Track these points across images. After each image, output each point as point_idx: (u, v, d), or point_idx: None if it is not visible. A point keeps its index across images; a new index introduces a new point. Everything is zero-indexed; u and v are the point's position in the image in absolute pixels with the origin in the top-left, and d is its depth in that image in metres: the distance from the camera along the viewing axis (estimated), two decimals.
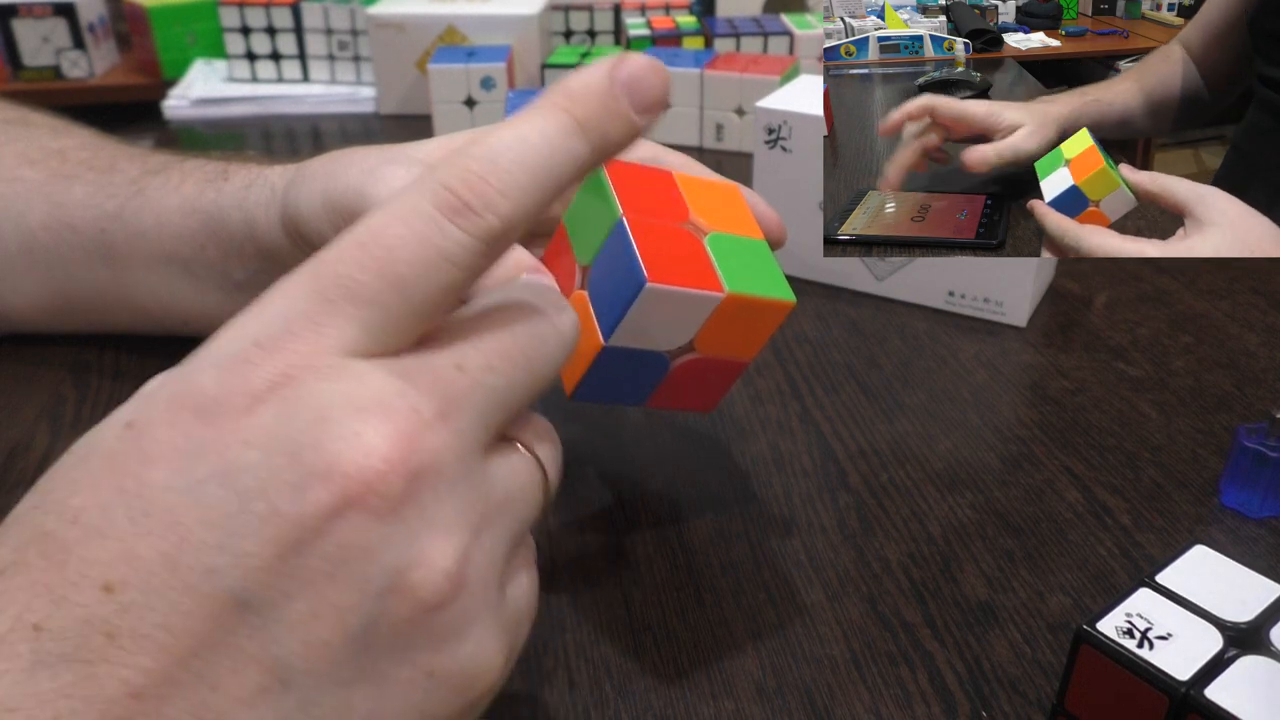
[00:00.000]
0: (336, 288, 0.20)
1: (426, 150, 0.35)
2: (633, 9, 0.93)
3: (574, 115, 0.22)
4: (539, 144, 0.22)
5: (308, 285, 0.21)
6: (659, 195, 0.30)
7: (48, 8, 0.83)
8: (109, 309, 0.43)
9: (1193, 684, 0.24)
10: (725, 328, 0.29)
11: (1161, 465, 0.40)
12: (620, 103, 0.23)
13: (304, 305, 0.20)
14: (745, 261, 0.30)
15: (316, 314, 0.20)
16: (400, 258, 0.21)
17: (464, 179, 0.21)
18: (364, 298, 0.20)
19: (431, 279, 0.21)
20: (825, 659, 0.31)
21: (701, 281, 0.28)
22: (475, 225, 0.21)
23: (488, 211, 0.21)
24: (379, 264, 0.21)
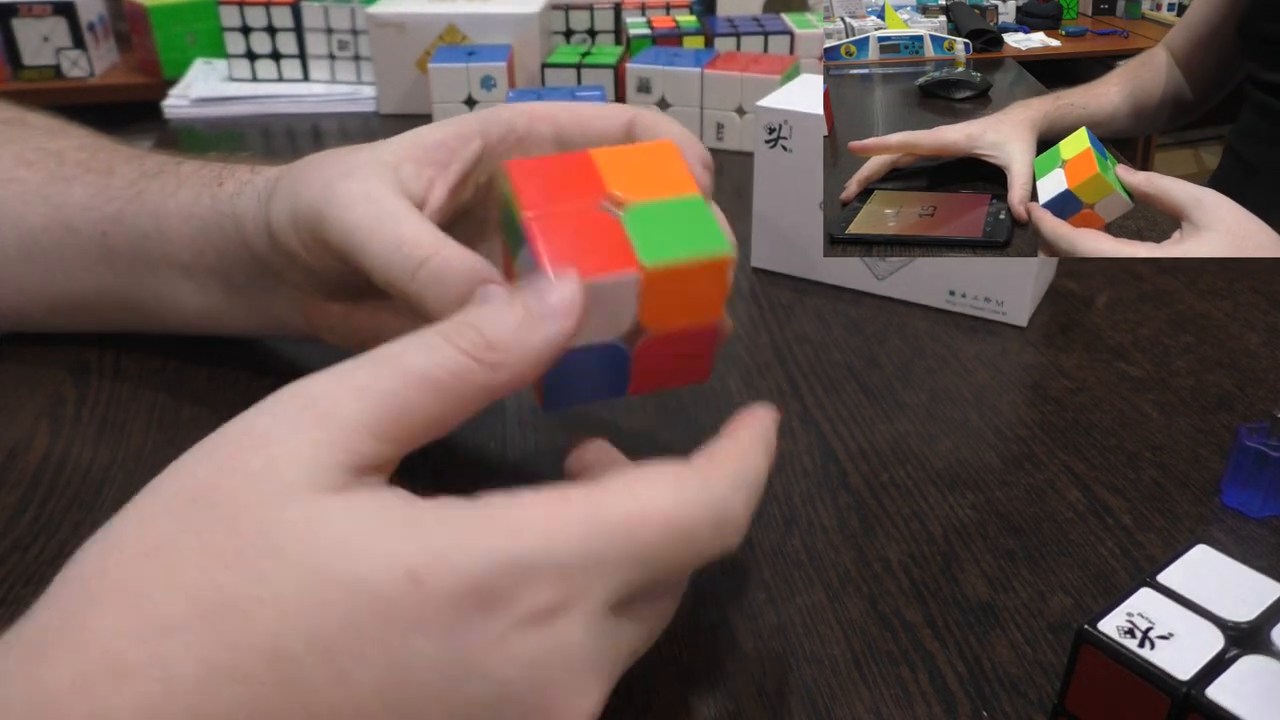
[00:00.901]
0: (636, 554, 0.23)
1: (393, 150, 0.33)
2: (633, 8, 0.93)
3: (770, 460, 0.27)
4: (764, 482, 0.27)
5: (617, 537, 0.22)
6: (571, 180, 0.28)
7: (48, 7, 0.83)
8: (111, 309, 0.43)
9: (1194, 684, 0.24)
10: (665, 300, 0.28)
11: (1162, 465, 0.40)
12: None
13: (605, 552, 0.22)
14: (672, 226, 0.28)
15: (610, 566, 0.22)
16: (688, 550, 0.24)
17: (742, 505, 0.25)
18: (649, 567, 0.23)
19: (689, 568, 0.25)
20: (826, 659, 0.31)
21: (614, 264, 0.26)
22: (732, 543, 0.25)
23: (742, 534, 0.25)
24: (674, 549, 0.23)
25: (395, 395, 0.23)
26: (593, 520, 0.22)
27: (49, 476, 0.39)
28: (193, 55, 0.90)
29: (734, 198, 0.66)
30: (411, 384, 0.23)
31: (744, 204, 0.55)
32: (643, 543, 0.23)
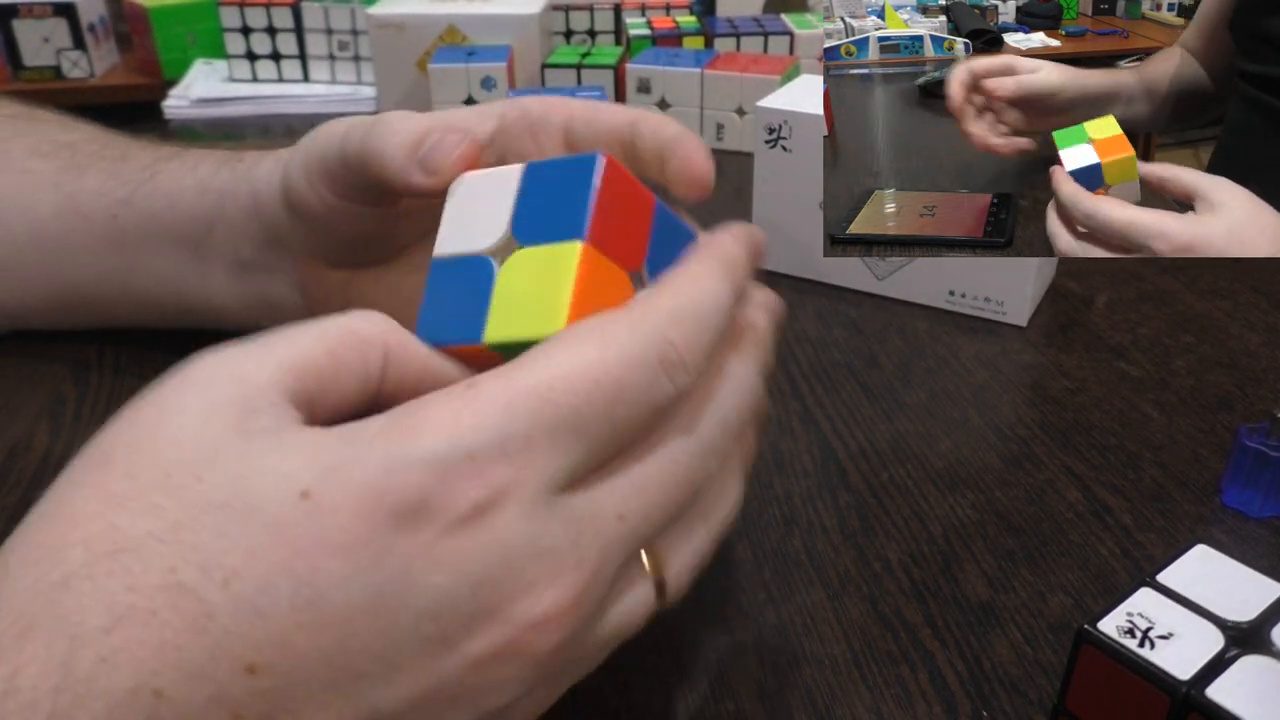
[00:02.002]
0: (563, 420, 0.21)
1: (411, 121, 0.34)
2: (633, 9, 0.93)
3: (736, 282, 0.25)
4: (723, 308, 0.24)
5: (534, 405, 0.20)
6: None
7: (48, 8, 0.83)
8: (114, 299, 0.43)
9: (1194, 683, 0.24)
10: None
11: (1162, 465, 0.39)
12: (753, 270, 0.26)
13: (525, 427, 0.20)
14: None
15: (536, 441, 0.20)
16: (624, 400, 0.21)
17: (685, 338, 0.22)
18: (584, 433, 0.21)
19: (638, 423, 0.22)
20: (826, 659, 0.31)
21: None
22: (681, 380, 0.22)
23: (694, 368, 0.23)
24: (606, 405, 0.21)
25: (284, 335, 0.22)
26: (504, 399, 0.20)
27: (49, 476, 0.38)
28: (193, 56, 0.90)
29: (734, 198, 0.66)
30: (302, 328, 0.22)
31: (744, 204, 0.55)
32: (568, 408, 0.21)
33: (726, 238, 0.25)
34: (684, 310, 0.23)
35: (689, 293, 0.23)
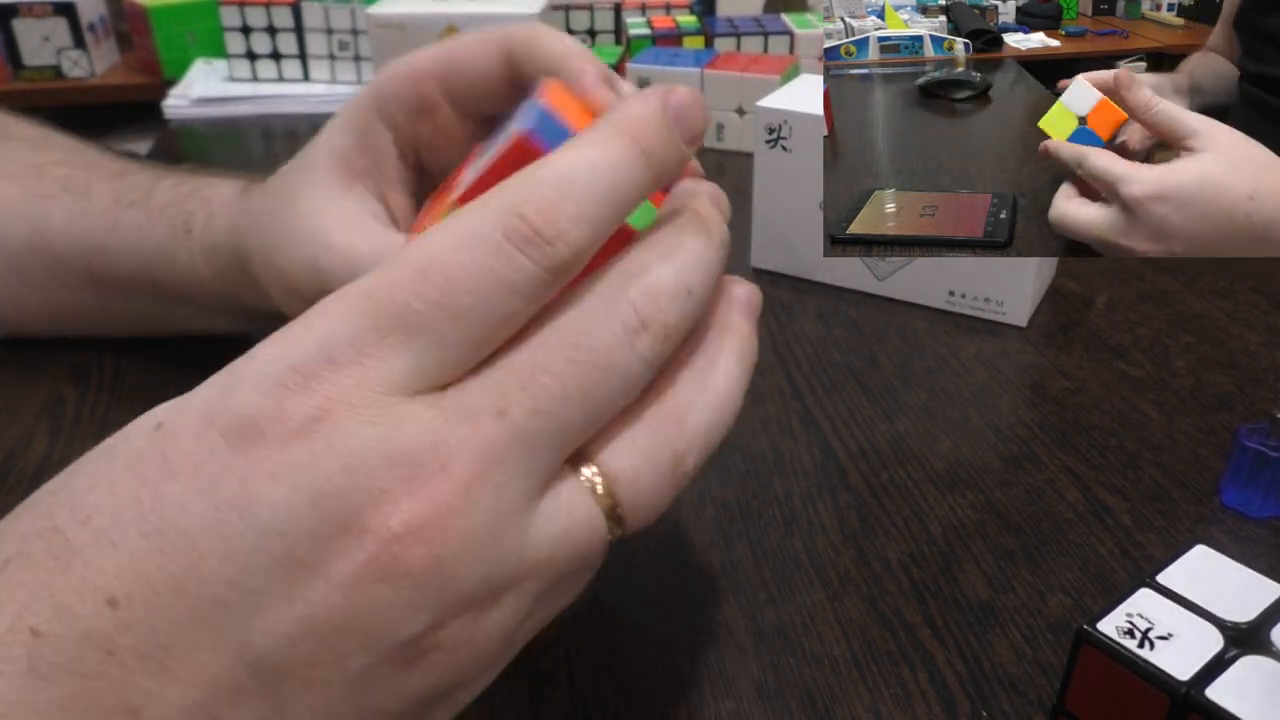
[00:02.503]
0: (390, 315, 0.19)
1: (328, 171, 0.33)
2: (633, 8, 0.93)
3: (639, 143, 0.21)
4: (609, 171, 0.21)
5: (358, 309, 0.19)
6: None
7: (48, 7, 0.83)
8: (103, 324, 0.44)
9: (1193, 684, 0.24)
10: None
11: (1162, 465, 0.40)
12: (675, 132, 0.22)
13: (351, 331, 0.19)
14: None
15: (364, 343, 0.19)
16: (463, 287, 0.19)
17: (536, 206, 0.20)
18: (419, 328, 0.19)
19: (493, 311, 0.19)
20: (826, 659, 0.31)
21: None
22: (545, 255, 0.20)
23: (559, 241, 0.20)
24: (439, 293, 0.19)
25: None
26: (331, 308, 0.19)
27: (50, 477, 0.38)
28: (193, 55, 0.90)
29: (734, 198, 0.66)
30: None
31: (744, 204, 0.55)
32: (393, 303, 0.19)
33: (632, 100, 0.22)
34: (542, 179, 0.20)
35: (553, 162, 0.20)
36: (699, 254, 0.22)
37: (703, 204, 0.24)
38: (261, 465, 0.18)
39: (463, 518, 0.19)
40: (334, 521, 0.18)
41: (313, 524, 0.18)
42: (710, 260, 0.23)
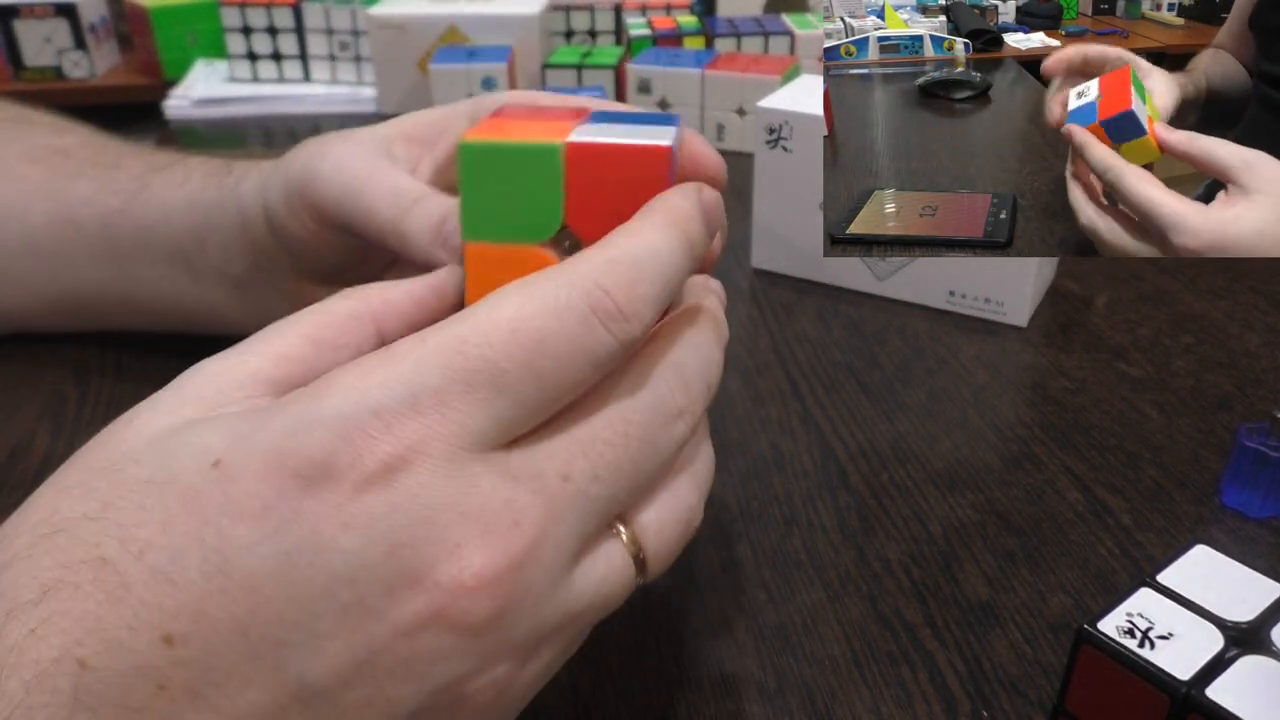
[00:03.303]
0: (478, 372, 0.20)
1: (384, 129, 0.34)
2: (634, 9, 0.93)
3: (686, 234, 0.23)
4: (669, 258, 0.22)
5: (446, 360, 0.20)
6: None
7: (49, 8, 0.83)
8: (111, 307, 0.43)
9: (1194, 684, 0.24)
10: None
11: (1162, 465, 0.39)
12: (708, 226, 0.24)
13: (437, 381, 0.19)
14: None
15: (449, 394, 0.19)
16: (550, 352, 0.20)
17: (619, 284, 0.21)
18: (504, 386, 0.20)
19: (572, 377, 0.21)
20: (826, 659, 0.31)
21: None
22: (623, 331, 0.21)
23: (635, 319, 0.21)
24: (527, 355, 0.20)
25: (263, 334, 0.22)
26: (416, 355, 0.20)
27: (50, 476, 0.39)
28: (194, 56, 0.90)
29: (734, 198, 0.66)
30: (281, 322, 0.23)
31: (744, 204, 0.55)
32: (481, 359, 0.20)
33: (674, 193, 0.24)
34: (619, 259, 0.21)
35: (625, 244, 0.22)
36: (716, 354, 0.25)
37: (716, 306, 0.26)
38: (337, 512, 0.19)
39: (528, 572, 0.20)
40: (406, 571, 0.19)
41: (385, 574, 0.19)
42: (720, 360, 0.25)
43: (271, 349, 0.22)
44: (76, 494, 0.19)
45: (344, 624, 0.19)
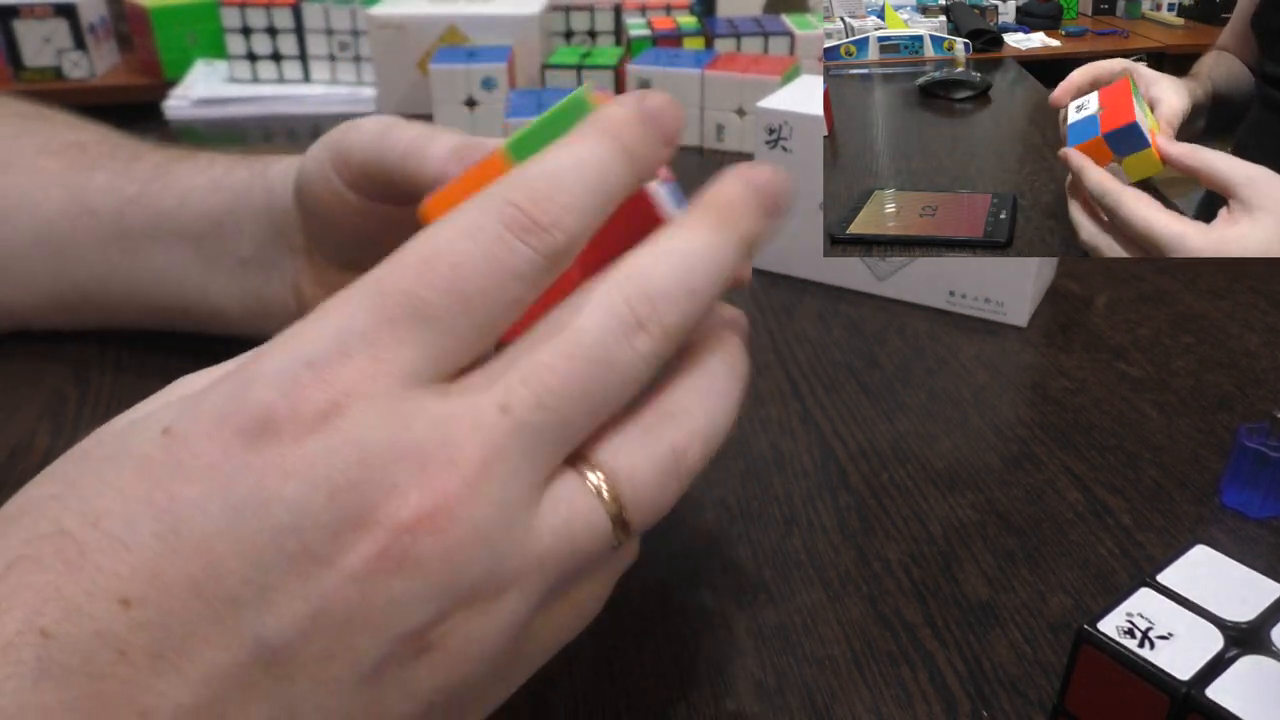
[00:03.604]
0: (399, 305, 0.20)
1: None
2: (633, 9, 0.93)
3: (620, 141, 0.22)
4: (595, 166, 0.22)
5: (367, 301, 0.20)
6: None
7: (49, 8, 0.83)
8: (116, 298, 0.43)
9: (1194, 684, 0.24)
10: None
11: (1162, 465, 0.39)
12: (652, 130, 0.23)
13: (362, 323, 0.20)
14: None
15: (375, 334, 0.20)
16: (467, 274, 0.20)
17: (531, 197, 0.21)
18: (428, 316, 0.20)
19: (498, 297, 0.20)
20: (826, 659, 0.31)
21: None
22: (543, 242, 0.21)
23: (555, 229, 0.21)
24: (446, 281, 0.20)
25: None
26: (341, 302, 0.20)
27: None
28: (194, 56, 0.90)
29: None
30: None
31: None
32: (402, 294, 0.20)
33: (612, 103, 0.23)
34: (534, 174, 0.21)
35: (545, 158, 0.22)
36: (706, 253, 0.23)
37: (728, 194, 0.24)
38: (277, 463, 0.19)
39: (469, 508, 0.19)
40: (348, 515, 0.19)
41: (327, 518, 0.19)
42: (718, 259, 0.23)
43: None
44: (44, 480, 0.20)
45: (294, 575, 0.18)
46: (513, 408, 0.20)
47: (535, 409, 0.20)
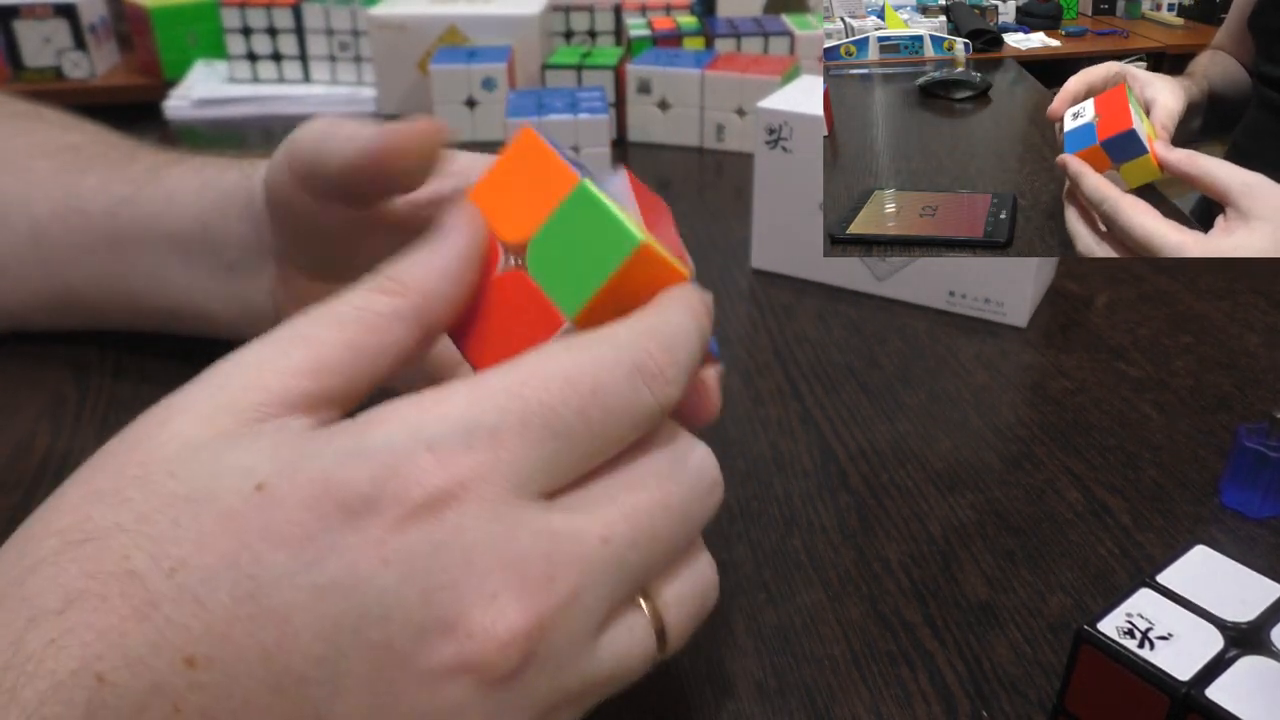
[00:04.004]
0: (535, 414, 0.20)
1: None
2: (633, 9, 0.93)
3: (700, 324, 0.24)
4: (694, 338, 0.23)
5: (504, 402, 0.20)
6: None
7: (49, 9, 0.83)
8: (106, 300, 0.43)
9: (1193, 684, 0.24)
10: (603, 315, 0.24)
11: (1162, 465, 0.39)
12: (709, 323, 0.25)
13: (494, 420, 0.19)
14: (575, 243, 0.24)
15: (504, 434, 0.20)
16: (601, 403, 0.21)
17: (662, 350, 0.22)
18: (558, 430, 0.20)
19: (617, 431, 0.21)
20: (826, 659, 0.31)
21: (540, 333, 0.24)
22: (663, 393, 0.22)
23: (673, 384, 0.22)
24: (582, 401, 0.20)
25: (302, 333, 0.21)
26: (474, 393, 0.20)
27: (50, 477, 0.39)
28: (194, 56, 0.90)
29: (734, 198, 0.66)
30: (320, 320, 0.22)
31: (744, 204, 0.55)
32: (539, 403, 0.20)
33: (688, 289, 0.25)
34: (660, 327, 0.22)
35: (664, 314, 0.23)
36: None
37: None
38: (378, 547, 0.18)
39: (557, 632, 0.20)
40: (440, 620, 0.18)
41: (419, 617, 0.18)
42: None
43: (311, 357, 0.21)
44: (110, 501, 0.19)
45: (370, 665, 0.18)
46: (613, 542, 0.21)
47: (630, 546, 0.21)
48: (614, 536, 0.21)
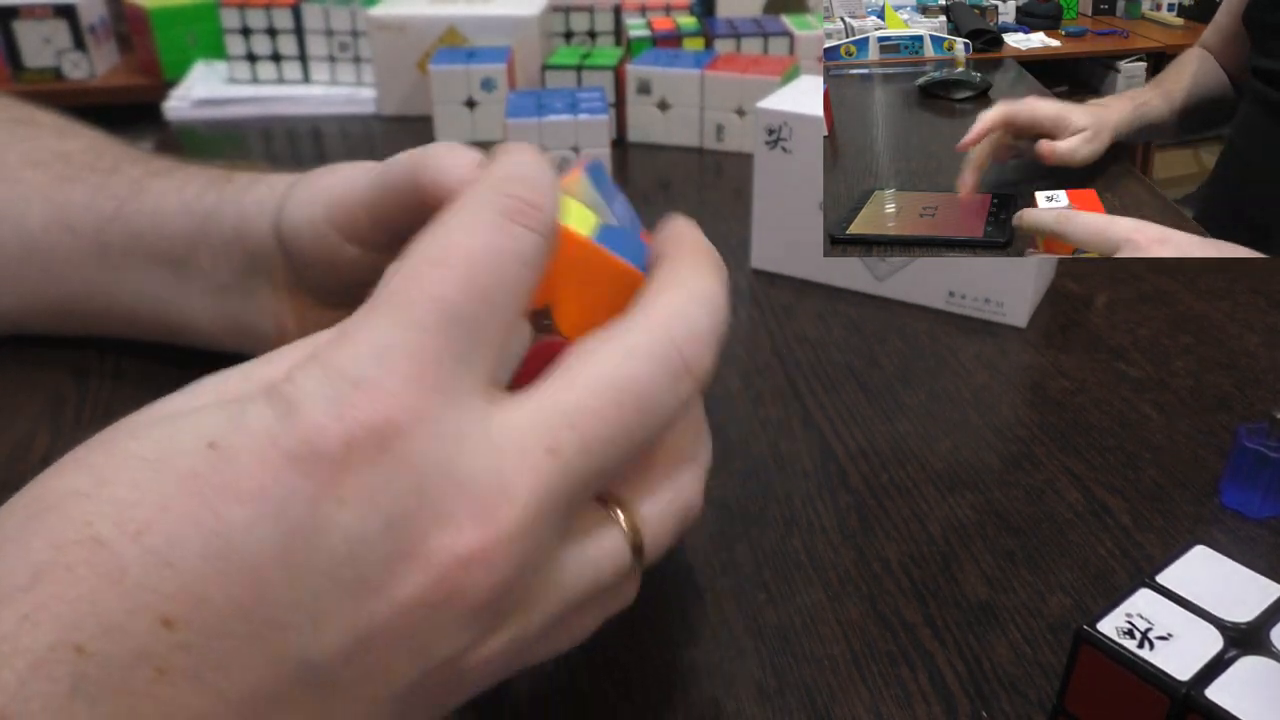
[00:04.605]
0: (430, 312, 0.20)
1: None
2: (633, 10, 0.93)
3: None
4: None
5: (396, 313, 0.20)
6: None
7: (49, 9, 0.83)
8: (101, 314, 0.43)
9: (1193, 684, 0.24)
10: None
11: (1162, 465, 0.39)
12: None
13: (397, 335, 0.19)
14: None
15: (412, 345, 0.19)
16: (481, 268, 0.20)
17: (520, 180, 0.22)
18: (456, 317, 0.20)
19: (511, 284, 0.21)
20: (825, 659, 0.31)
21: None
22: (537, 221, 0.21)
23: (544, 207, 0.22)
24: (463, 279, 0.20)
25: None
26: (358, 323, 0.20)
27: None
28: (193, 57, 0.90)
29: (734, 198, 0.66)
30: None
31: (744, 204, 0.55)
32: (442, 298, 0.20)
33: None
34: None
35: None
36: (722, 296, 0.24)
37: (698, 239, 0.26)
38: (330, 489, 0.18)
39: (519, 546, 0.20)
40: (402, 546, 0.19)
41: (383, 549, 0.19)
42: (725, 301, 0.24)
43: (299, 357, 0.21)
44: (68, 467, 0.19)
45: (345, 602, 0.18)
46: (560, 450, 0.20)
47: (580, 453, 0.21)
48: (560, 446, 0.20)
